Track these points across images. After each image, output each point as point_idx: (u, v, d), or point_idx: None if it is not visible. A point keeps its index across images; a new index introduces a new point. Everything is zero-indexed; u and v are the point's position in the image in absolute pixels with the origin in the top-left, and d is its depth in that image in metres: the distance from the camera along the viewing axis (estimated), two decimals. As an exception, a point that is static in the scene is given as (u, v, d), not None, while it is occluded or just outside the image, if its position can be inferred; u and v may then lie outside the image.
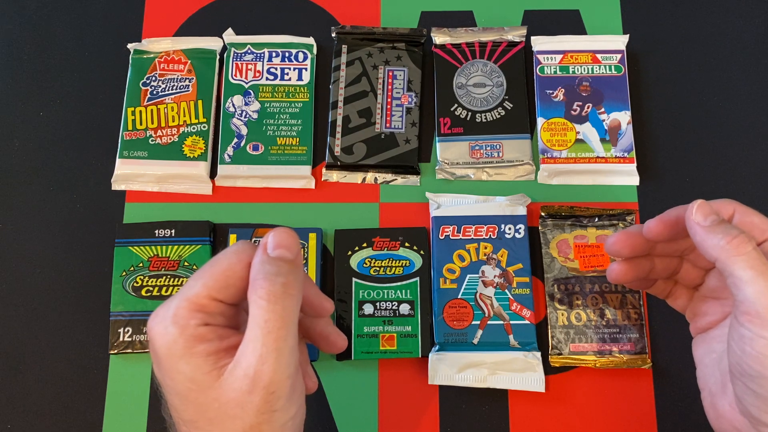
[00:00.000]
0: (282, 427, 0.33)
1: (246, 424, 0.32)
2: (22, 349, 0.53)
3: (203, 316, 0.33)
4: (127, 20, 0.61)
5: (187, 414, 0.33)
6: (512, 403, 0.51)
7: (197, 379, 0.32)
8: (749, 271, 0.34)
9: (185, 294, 0.33)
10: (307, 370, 0.40)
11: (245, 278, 0.33)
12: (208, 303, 0.33)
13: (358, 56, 0.58)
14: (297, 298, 0.33)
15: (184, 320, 0.33)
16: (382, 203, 0.56)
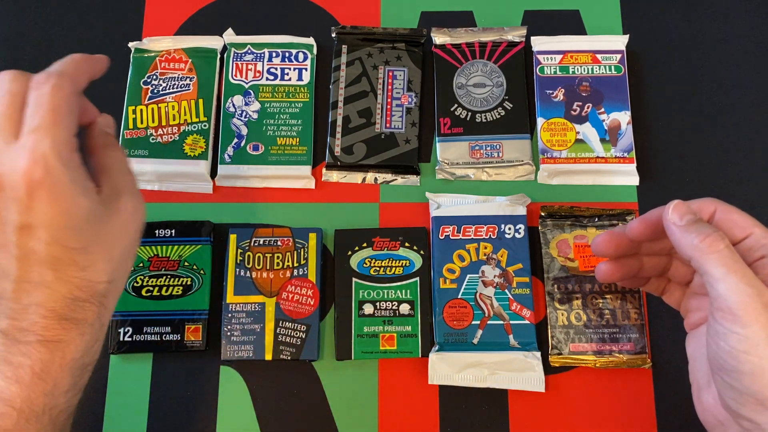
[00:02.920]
0: (138, 244, 0.41)
1: (129, 240, 0.40)
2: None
3: (75, 152, 0.37)
4: (128, 19, 0.61)
5: (77, 243, 0.36)
6: (512, 403, 0.51)
7: (94, 210, 0.37)
8: (721, 269, 0.35)
9: (55, 135, 0.36)
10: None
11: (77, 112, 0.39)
12: (72, 139, 0.37)
13: (358, 56, 0.58)
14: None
15: (67, 157, 0.36)
16: (382, 203, 0.56)
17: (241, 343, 0.51)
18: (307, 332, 0.51)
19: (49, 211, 0.35)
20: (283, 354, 0.51)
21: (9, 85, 0.37)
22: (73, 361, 0.38)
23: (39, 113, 0.36)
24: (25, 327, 0.36)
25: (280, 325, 0.52)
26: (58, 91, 0.37)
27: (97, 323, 0.39)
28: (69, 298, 0.37)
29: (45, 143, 0.35)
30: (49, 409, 0.37)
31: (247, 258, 0.53)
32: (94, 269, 0.38)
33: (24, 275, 0.36)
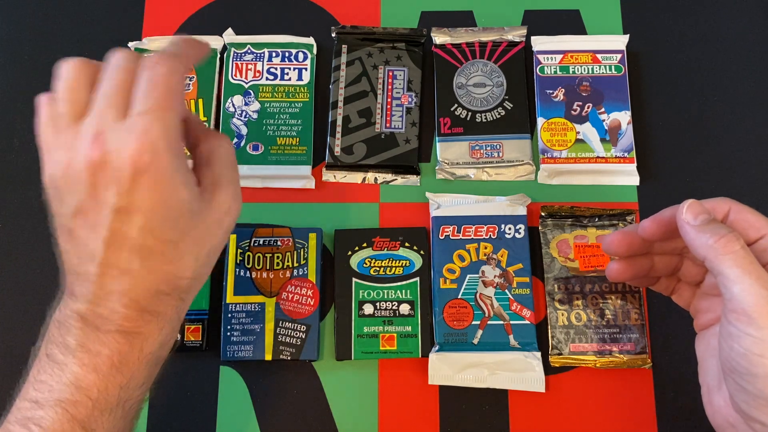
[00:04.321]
0: (220, 251, 0.40)
1: (219, 239, 0.39)
2: (23, 349, 0.53)
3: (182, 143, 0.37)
4: (128, 19, 0.61)
5: (170, 235, 0.36)
6: (512, 403, 0.51)
7: (192, 204, 0.36)
8: (736, 270, 0.34)
9: (166, 124, 0.34)
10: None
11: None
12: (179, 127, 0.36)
13: (358, 56, 0.58)
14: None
15: (177, 147, 0.35)
16: (382, 203, 0.56)
17: (240, 343, 0.51)
18: (307, 332, 0.51)
19: (149, 199, 0.34)
20: (283, 354, 0.51)
21: (122, 61, 0.36)
22: (151, 354, 0.37)
23: (153, 95, 0.35)
24: (105, 315, 0.36)
25: (280, 325, 0.52)
26: (173, 73, 0.36)
27: (175, 318, 0.38)
28: (152, 291, 0.36)
29: (156, 127, 0.34)
30: (123, 402, 0.37)
31: (247, 258, 0.53)
32: (181, 264, 0.37)
33: (110, 259, 0.35)
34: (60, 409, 0.35)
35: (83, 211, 0.35)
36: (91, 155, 0.34)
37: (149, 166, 0.34)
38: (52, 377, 0.36)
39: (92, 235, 0.35)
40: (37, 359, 0.37)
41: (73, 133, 0.35)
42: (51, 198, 0.37)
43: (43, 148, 0.37)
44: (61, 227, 0.37)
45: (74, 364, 0.35)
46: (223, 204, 0.38)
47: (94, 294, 0.36)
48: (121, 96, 0.35)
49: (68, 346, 0.36)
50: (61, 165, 0.35)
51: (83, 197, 0.35)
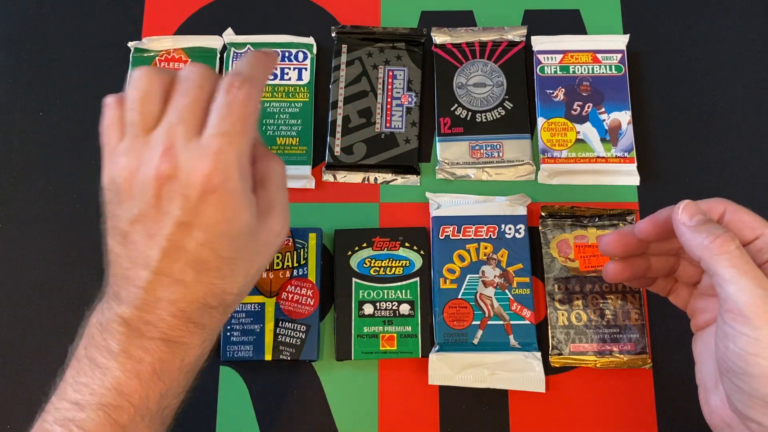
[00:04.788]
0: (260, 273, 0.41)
1: (267, 258, 0.40)
2: (22, 349, 0.53)
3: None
4: (128, 19, 0.61)
5: (229, 252, 0.37)
6: (512, 403, 0.51)
7: (251, 224, 0.37)
8: (731, 270, 0.35)
9: (240, 149, 0.36)
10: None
11: None
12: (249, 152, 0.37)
13: (358, 56, 0.58)
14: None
15: (246, 171, 0.37)
16: (382, 203, 0.56)
17: (240, 343, 0.51)
18: (306, 332, 0.51)
19: (214, 217, 0.35)
20: (282, 354, 0.51)
21: (198, 78, 0.37)
22: (190, 365, 0.38)
23: (229, 119, 0.35)
24: (151, 321, 0.36)
25: (279, 325, 0.51)
26: (250, 100, 0.36)
27: (216, 331, 0.39)
28: (200, 303, 0.37)
29: (231, 151, 0.35)
30: (162, 409, 0.37)
31: (247, 258, 0.53)
32: (232, 280, 0.37)
33: (165, 268, 0.36)
34: (102, 413, 0.35)
35: (143, 219, 0.36)
36: (161, 168, 0.35)
37: (218, 188, 0.34)
38: (93, 380, 0.36)
39: (150, 242, 0.36)
40: (75, 360, 0.38)
41: (142, 142, 0.36)
42: (108, 199, 0.37)
43: (107, 150, 0.38)
44: (115, 230, 0.37)
45: (116, 369, 0.36)
46: (275, 226, 0.39)
47: (143, 300, 0.36)
48: (194, 114, 0.36)
49: (111, 350, 0.36)
50: (125, 171, 0.36)
51: (145, 206, 0.35)
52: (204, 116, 0.36)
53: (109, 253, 0.38)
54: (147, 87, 0.37)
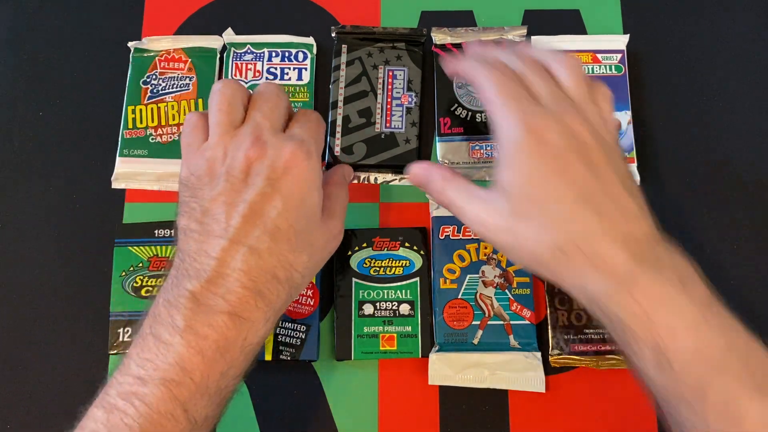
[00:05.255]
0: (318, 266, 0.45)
1: (326, 254, 0.45)
2: (22, 349, 0.53)
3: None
4: (127, 19, 0.61)
5: (299, 225, 0.40)
6: (512, 403, 0.51)
7: (317, 209, 0.42)
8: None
9: (318, 138, 0.44)
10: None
11: None
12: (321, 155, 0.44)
13: (358, 56, 0.58)
14: None
15: (319, 166, 0.42)
16: (382, 203, 0.56)
17: (240, 343, 0.51)
18: (306, 332, 0.51)
19: (293, 188, 0.40)
20: (282, 354, 0.51)
21: (277, 91, 0.45)
22: (251, 345, 0.38)
23: (308, 125, 0.44)
24: (221, 294, 0.37)
25: (279, 326, 0.51)
26: (320, 118, 0.46)
27: (278, 313, 0.40)
28: (271, 274, 0.38)
29: (311, 140, 0.43)
30: (221, 389, 0.37)
31: (247, 258, 0.53)
32: (299, 256, 0.41)
33: (243, 235, 0.38)
34: (164, 388, 0.36)
35: (227, 192, 0.39)
36: (251, 152, 0.40)
37: (301, 163, 0.40)
38: (158, 356, 0.36)
39: (231, 211, 0.39)
40: (140, 338, 0.38)
41: (229, 137, 0.41)
42: (187, 189, 0.41)
43: (189, 150, 0.43)
44: (193, 209, 0.40)
45: (181, 344, 0.36)
46: (333, 229, 0.45)
47: (214, 270, 0.37)
48: (276, 115, 0.43)
49: (176, 326, 0.37)
50: (210, 160, 0.41)
51: (232, 181, 0.40)
52: (283, 120, 0.44)
53: (180, 233, 0.40)
54: (231, 93, 0.43)
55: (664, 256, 0.38)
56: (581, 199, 0.38)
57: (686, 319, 0.36)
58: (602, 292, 0.37)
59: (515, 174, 0.39)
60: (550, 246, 0.38)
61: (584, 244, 0.37)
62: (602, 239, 0.37)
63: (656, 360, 0.36)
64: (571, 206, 0.37)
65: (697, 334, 0.36)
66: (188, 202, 0.41)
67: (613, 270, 0.37)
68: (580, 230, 0.37)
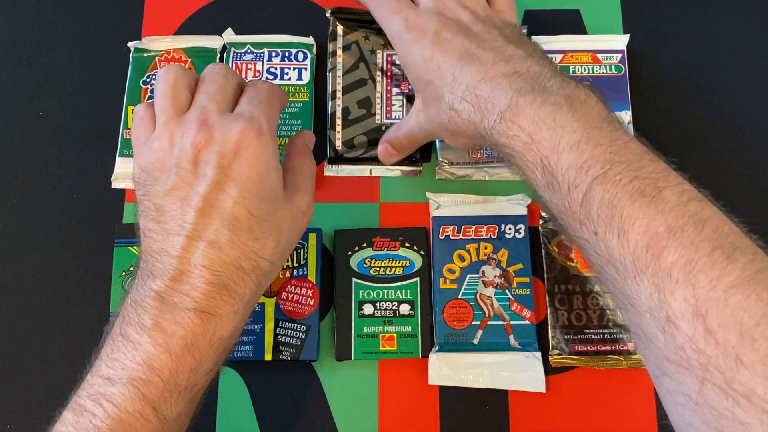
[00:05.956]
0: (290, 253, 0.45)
1: (294, 233, 0.42)
2: (22, 349, 0.53)
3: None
4: (127, 19, 0.61)
5: (258, 212, 0.38)
6: (512, 403, 0.51)
7: (277, 189, 0.40)
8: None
9: (269, 116, 0.41)
10: None
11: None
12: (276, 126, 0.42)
13: (355, 39, 0.57)
14: None
15: (274, 137, 0.40)
16: (382, 203, 0.56)
17: (240, 343, 0.51)
18: (306, 332, 0.51)
19: (246, 172, 0.38)
20: (282, 354, 0.51)
21: (224, 71, 0.42)
22: (222, 340, 0.38)
23: (257, 99, 0.41)
24: (185, 291, 0.36)
25: (279, 326, 0.51)
26: (272, 87, 0.43)
27: (249, 303, 0.39)
28: (235, 266, 0.37)
29: (261, 115, 0.40)
30: (191, 386, 0.37)
31: (247, 258, 0.53)
32: (264, 243, 0.39)
33: (200, 231, 0.37)
34: (132, 388, 0.36)
35: (179, 186, 0.38)
36: (198, 138, 0.38)
37: (253, 141, 0.38)
38: (126, 355, 0.36)
39: (185, 207, 0.37)
40: (110, 338, 0.38)
41: (175, 123, 0.40)
42: (140, 186, 0.40)
43: (138, 144, 0.41)
44: (149, 208, 0.39)
45: (148, 343, 0.36)
46: (301, 204, 0.42)
47: (177, 269, 0.37)
48: (223, 96, 0.41)
49: (143, 325, 0.36)
50: (159, 152, 0.39)
51: (182, 174, 0.38)
52: (232, 100, 0.41)
53: (141, 234, 0.39)
54: (174, 77, 0.41)
55: (554, 85, 0.39)
56: (461, 60, 0.41)
57: (569, 138, 0.37)
58: (489, 128, 0.39)
59: (411, 68, 0.44)
60: (446, 110, 0.42)
61: (469, 94, 0.40)
62: (483, 84, 0.40)
63: (546, 181, 0.37)
64: (453, 70, 0.41)
65: (579, 150, 0.36)
66: (143, 201, 0.40)
67: (496, 105, 0.39)
68: (464, 84, 0.41)
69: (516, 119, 0.38)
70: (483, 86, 0.40)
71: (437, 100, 0.43)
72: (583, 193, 0.36)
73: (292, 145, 0.46)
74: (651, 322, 0.33)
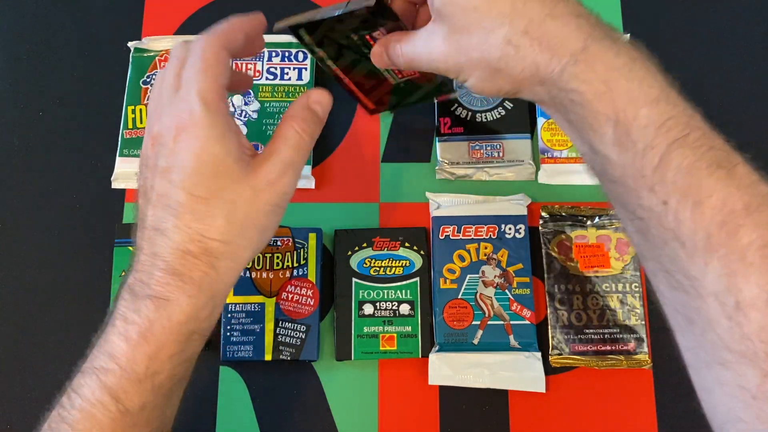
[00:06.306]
0: (273, 226, 0.40)
1: (256, 207, 0.38)
2: (22, 349, 0.53)
3: (226, 103, 0.38)
4: (127, 19, 0.61)
5: (201, 191, 0.37)
6: (512, 403, 0.51)
7: (226, 162, 0.37)
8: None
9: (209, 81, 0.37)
10: None
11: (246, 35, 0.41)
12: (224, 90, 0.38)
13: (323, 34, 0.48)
14: (311, 146, 0.41)
15: (216, 104, 0.37)
16: (382, 203, 0.56)
17: (240, 343, 0.51)
18: (306, 332, 0.51)
19: (185, 154, 0.36)
20: (282, 354, 0.51)
21: (175, 51, 0.40)
22: (179, 325, 0.37)
23: (189, 65, 0.38)
24: (143, 279, 0.37)
25: (279, 326, 0.51)
26: (206, 45, 0.38)
27: (206, 287, 0.38)
28: (181, 250, 0.37)
29: (192, 89, 0.37)
30: (151, 374, 0.37)
31: (247, 258, 0.53)
32: (210, 223, 0.37)
33: (150, 220, 0.37)
34: (94, 376, 0.36)
35: (143, 185, 0.39)
36: (155, 129, 0.38)
37: (187, 123, 0.36)
38: (98, 347, 0.37)
39: (144, 200, 0.38)
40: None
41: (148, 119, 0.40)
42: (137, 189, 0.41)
43: None
44: (136, 209, 0.40)
45: (111, 332, 0.37)
46: (267, 174, 0.38)
47: (138, 260, 0.38)
48: (170, 79, 0.39)
49: (115, 316, 0.37)
50: (142, 150, 0.40)
51: (143, 178, 0.39)
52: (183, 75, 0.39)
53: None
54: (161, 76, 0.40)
55: (617, 36, 0.37)
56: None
57: (648, 93, 0.34)
58: (559, 69, 0.35)
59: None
60: (499, 44, 0.36)
61: (534, 29, 0.35)
62: (552, 21, 0.36)
63: (617, 136, 0.34)
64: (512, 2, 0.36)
65: (659, 108, 0.34)
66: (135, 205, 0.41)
67: (567, 45, 0.35)
68: (527, 18, 0.36)
69: (592, 63, 0.35)
70: (550, 23, 0.36)
71: (482, 30, 0.36)
72: (660, 156, 0.33)
73: (289, 109, 0.41)
74: (715, 306, 0.31)
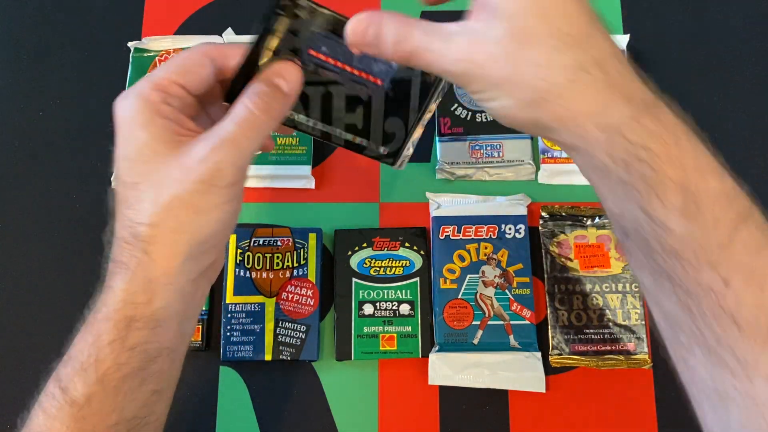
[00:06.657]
0: (211, 207, 0.36)
1: (183, 189, 0.35)
2: (22, 349, 0.53)
3: (164, 96, 0.37)
4: (127, 19, 0.61)
5: (131, 177, 0.37)
6: (512, 403, 0.51)
7: (151, 145, 0.36)
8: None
9: (149, 77, 0.38)
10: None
11: (205, 67, 0.38)
12: (169, 85, 0.37)
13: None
14: (274, 125, 0.38)
15: (146, 95, 0.37)
16: (382, 203, 0.56)
17: (240, 343, 0.51)
18: (306, 332, 0.51)
19: (119, 143, 0.37)
20: (282, 354, 0.51)
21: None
22: (115, 311, 0.37)
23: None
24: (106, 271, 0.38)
25: (279, 326, 0.51)
26: (193, 48, 0.39)
27: (140, 272, 0.36)
28: (119, 239, 0.37)
29: (131, 90, 0.37)
30: (94, 362, 0.36)
31: (247, 258, 0.53)
32: (138, 208, 0.36)
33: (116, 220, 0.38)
34: (53, 376, 0.38)
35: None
36: None
37: (118, 116, 0.37)
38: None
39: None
40: None
41: None
42: None
43: None
44: None
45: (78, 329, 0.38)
46: (198, 151, 0.35)
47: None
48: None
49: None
50: None
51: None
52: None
53: None
54: None
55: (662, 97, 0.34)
56: (594, 21, 0.33)
57: (709, 161, 0.32)
58: (628, 116, 0.31)
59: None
60: (570, 65, 0.31)
61: (605, 64, 0.32)
62: (620, 64, 0.32)
63: (683, 204, 0.30)
64: (587, 26, 0.33)
65: (724, 179, 0.31)
66: None
67: (637, 93, 0.32)
68: (597, 48, 0.32)
69: (664, 121, 0.32)
70: (621, 68, 0.33)
71: (548, 46, 0.32)
72: (730, 231, 0.30)
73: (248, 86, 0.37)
74: (764, 389, 0.29)
